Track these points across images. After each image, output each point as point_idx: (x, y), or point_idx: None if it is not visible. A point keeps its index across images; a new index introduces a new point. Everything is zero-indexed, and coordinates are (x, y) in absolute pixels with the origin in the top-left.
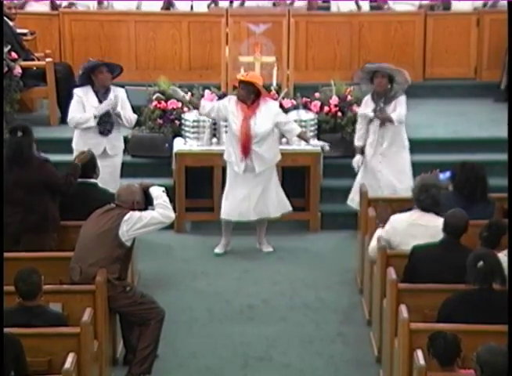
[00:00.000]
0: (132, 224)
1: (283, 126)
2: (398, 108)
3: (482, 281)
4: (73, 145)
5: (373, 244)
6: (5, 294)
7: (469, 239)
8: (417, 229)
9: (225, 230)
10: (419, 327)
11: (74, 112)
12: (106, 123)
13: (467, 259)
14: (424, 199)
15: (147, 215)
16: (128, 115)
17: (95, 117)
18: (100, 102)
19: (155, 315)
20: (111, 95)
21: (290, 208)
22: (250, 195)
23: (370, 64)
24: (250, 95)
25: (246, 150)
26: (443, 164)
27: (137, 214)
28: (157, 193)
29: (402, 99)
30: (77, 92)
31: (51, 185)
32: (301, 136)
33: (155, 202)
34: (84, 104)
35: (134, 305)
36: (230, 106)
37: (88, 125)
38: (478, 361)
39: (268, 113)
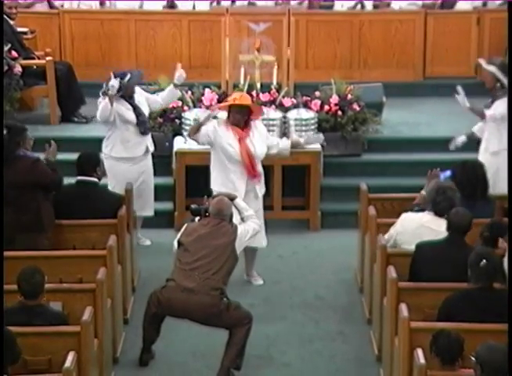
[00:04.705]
0: (243, 237)
1: (273, 149)
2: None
3: (484, 280)
4: (108, 151)
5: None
6: (4, 292)
7: (469, 238)
8: (426, 231)
9: None
10: (419, 326)
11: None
12: (144, 123)
13: (469, 258)
14: (441, 201)
15: (249, 227)
16: (155, 98)
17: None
18: (131, 105)
19: (247, 315)
20: (137, 97)
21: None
22: None
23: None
24: (245, 117)
25: (254, 171)
26: (443, 163)
27: (244, 227)
28: (244, 204)
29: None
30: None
31: (45, 184)
32: (292, 145)
33: (245, 213)
34: (116, 109)
35: (233, 310)
36: (220, 129)
37: (106, 109)
38: (478, 359)
39: (260, 135)
